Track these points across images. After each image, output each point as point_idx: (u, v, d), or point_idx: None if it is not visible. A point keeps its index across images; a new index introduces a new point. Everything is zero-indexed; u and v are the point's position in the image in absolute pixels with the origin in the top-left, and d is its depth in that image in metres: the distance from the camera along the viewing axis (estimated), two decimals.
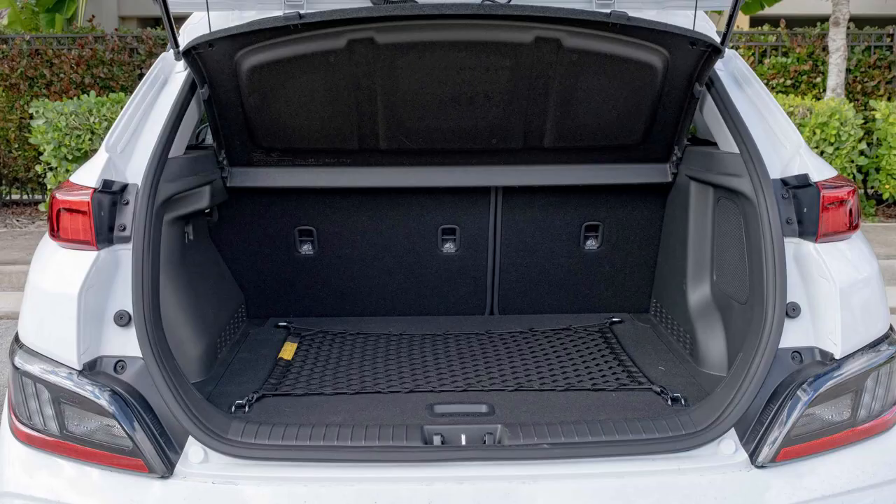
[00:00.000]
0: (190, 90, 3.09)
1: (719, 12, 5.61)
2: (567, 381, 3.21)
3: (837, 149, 8.21)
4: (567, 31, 3.02)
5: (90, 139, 8.25)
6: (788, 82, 9.93)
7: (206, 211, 3.61)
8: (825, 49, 9.81)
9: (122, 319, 2.57)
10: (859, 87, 9.92)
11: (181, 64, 3.13)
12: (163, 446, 2.48)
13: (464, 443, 2.60)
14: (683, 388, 3.13)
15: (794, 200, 2.76)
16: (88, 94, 8.70)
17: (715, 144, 3.31)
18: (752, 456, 2.53)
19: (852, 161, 8.38)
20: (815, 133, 8.15)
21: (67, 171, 8.23)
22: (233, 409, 2.91)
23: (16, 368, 2.59)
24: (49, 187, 8.62)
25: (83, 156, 8.18)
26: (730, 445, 2.54)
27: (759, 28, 10.47)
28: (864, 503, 2.54)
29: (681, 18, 3.18)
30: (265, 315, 4.03)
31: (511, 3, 2.90)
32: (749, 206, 2.88)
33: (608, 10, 2.85)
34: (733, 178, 3.01)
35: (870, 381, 2.62)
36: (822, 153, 8.11)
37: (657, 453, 2.51)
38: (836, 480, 2.55)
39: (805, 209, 2.73)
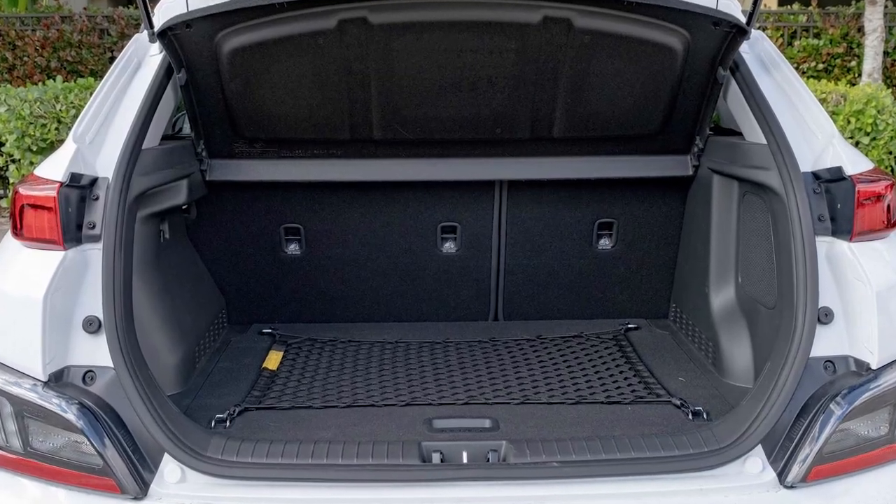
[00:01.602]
0: (166, 75, 3.10)
1: None
2: (578, 394, 3.21)
3: (874, 139, 8.21)
4: (578, 11, 3.02)
5: (56, 129, 8.25)
6: (820, 66, 9.93)
7: (184, 207, 3.61)
8: (861, 30, 9.82)
9: (92, 326, 2.57)
10: None
11: (156, 46, 3.13)
12: (136, 464, 2.48)
13: (465, 461, 2.60)
14: (706, 400, 3.13)
15: (826, 195, 2.76)
16: (55, 80, 8.70)
17: (740, 134, 3.32)
18: (781, 475, 2.53)
19: (890, 152, 8.38)
20: (849, 122, 8.15)
21: (32, 163, 8.23)
22: (212, 423, 2.91)
23: None
24: (11, 181, 8.62)
25: (49, 147, 8.18)
26: (756, 464, 2.55)
27: (789, 7, 10.48)
28: None
29: None
30: (248, 321, 4.03)
31: None
32: (777, 202, 2.88)
33: None
34: (760, 171, 3.02)
35: None
36: (857, 144, 8.11)
37: (677, 472, 2.51)
38: (873, 502, 2.56)
39: (839, 205, 2.74)
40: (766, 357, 2.83)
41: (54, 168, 2.70)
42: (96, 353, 2.57)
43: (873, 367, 2.61)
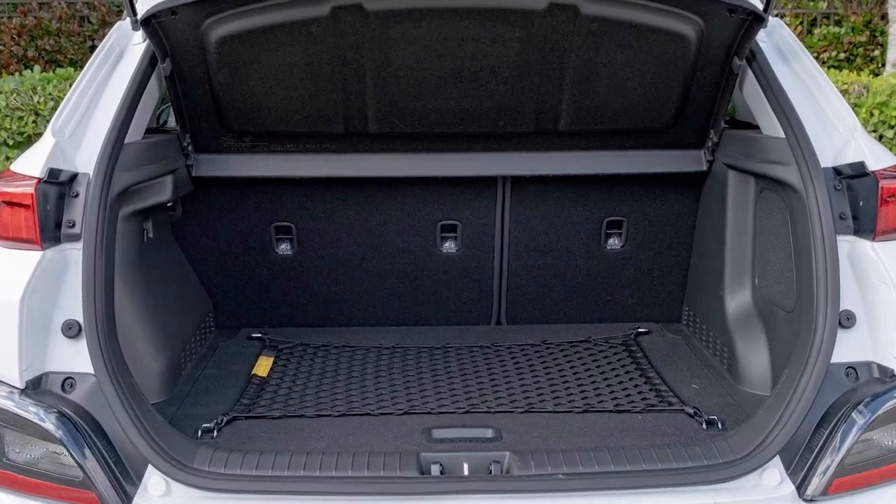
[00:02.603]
0: (150, 65, 3.10)
1: None
2: (586, 402, 3.22)
3: None
4: None
5: (34, 122, 8.25)
6: (842, 55, 9.93)
7: (169, 204, 3.61)
8: (884, 17, 9.82)
9: (72, 330, 2.57)
10: None
11: (139, 35, 3.14)
12: (118, 477, 2.48)
13: (466, 473, 2.60)
14: (720, 409, 3.13)
15: (848, 192, 2.76)
16: (32, 70, 8.70)
17: (756, 128, 3.32)
18: (800, 488, 2.53)
19: None
20: (872, 114, 8.15)
21: (8, 158, 8.24)
22: (199, 433, 2.91)
23: None
24: None
25: (26, 141, 8.18)
26: (774, 475, 2.55)
27: None
28: None
29: None
30: (237, 325, 4.03)
31: None
32: (796, 199, 2.88)
33: None
34: (778, 166, 3.02)
35: None
36: (880, 138, 8.11)
37: (690, 485, 2.51)
38: None
39: (861, 202, 2.74)
40: (785, 363, 2.83)
41: (32, 163, 2.70)
42: (76, 358, 2.57)
43: None
